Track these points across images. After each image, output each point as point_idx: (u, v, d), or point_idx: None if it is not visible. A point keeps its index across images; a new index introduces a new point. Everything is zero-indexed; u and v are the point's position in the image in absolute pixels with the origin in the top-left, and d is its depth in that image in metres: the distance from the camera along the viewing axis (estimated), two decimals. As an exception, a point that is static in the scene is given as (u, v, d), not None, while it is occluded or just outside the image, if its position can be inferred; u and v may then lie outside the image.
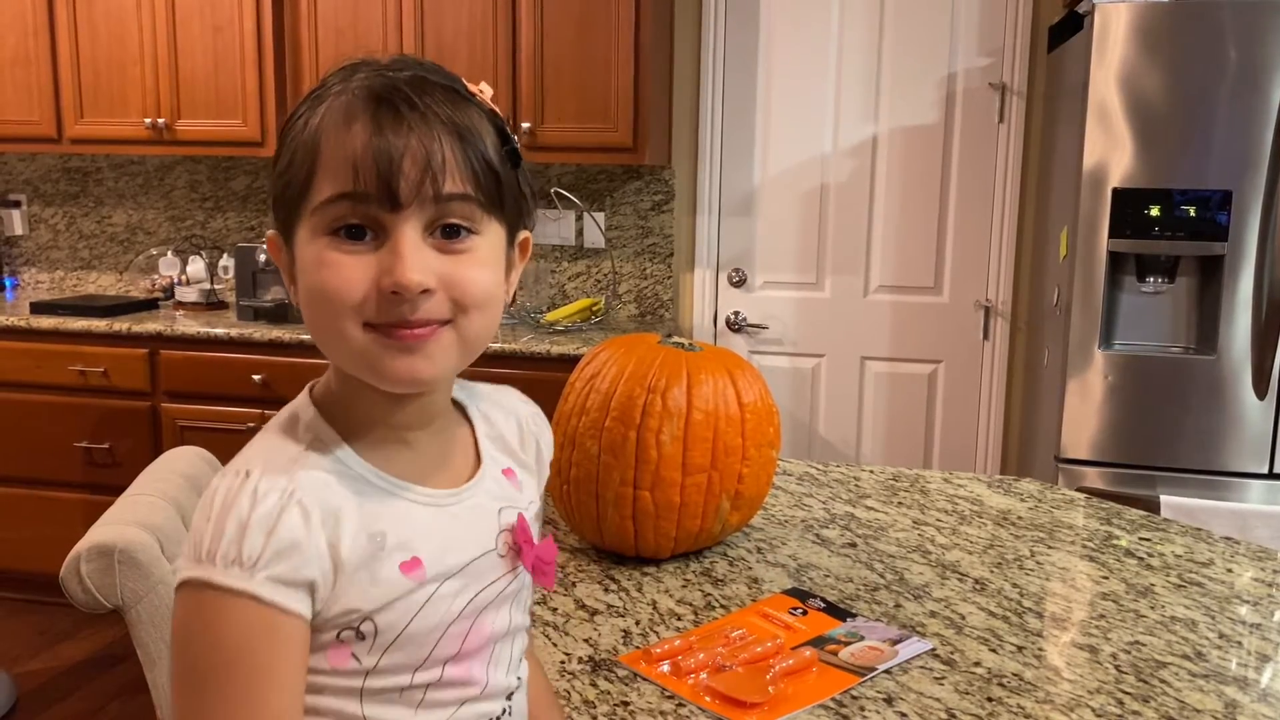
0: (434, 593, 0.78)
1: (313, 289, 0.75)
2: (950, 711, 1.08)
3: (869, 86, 3.43)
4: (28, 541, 3.46)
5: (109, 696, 2.94)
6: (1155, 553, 1.56)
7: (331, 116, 0.74)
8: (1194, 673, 1.18)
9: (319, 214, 0.74)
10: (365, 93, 0.74)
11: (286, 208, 0.77)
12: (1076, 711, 1.09)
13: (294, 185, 0.75)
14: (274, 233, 0.80)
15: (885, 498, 1.80)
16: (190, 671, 0.72)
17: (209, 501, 0.73)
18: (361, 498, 0.76)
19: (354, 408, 0.80)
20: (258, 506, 0.71)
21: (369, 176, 0.72)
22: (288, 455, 0.76)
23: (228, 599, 0.70)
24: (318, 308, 0.75)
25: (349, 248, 0.74)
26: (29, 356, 3.39)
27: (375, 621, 0.75)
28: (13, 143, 3.68)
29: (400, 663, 0.77)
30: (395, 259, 0.73)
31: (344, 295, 0.73)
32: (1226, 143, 2.51)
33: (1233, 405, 2.59)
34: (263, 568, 0.70)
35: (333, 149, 0.74)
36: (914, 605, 1.35)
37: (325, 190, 0.74)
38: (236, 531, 0.70)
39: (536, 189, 3.67)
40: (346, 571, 0.74)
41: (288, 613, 0.71)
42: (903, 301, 3.50)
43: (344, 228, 0.74)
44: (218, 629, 0.71)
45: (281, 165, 0.77)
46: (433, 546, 0.78)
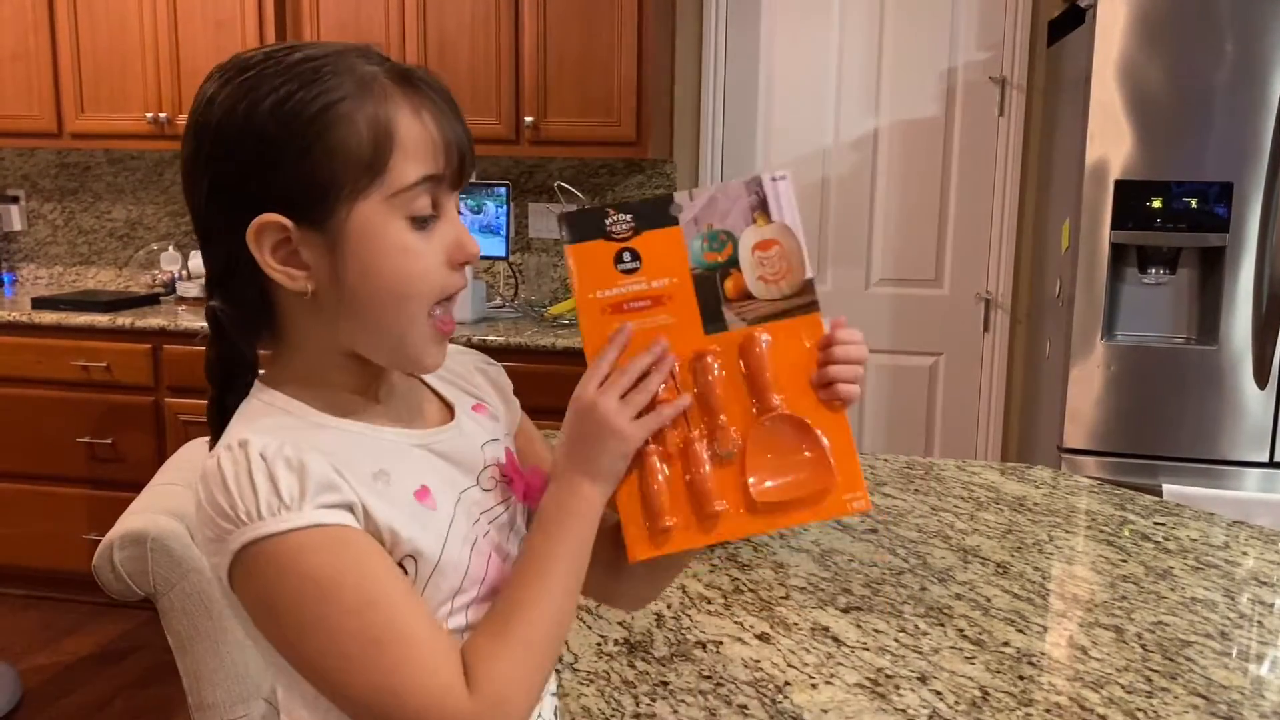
0: (452, 520, 0.81)
1: (395, 275, 0.77)
2: (983, 689, 1.10)
3: (870, 80, 3.45)
4: (31, 537, 3.45)
5: (115, 691, 2.94)
6: (1171, 536, 1.58)
7: (394, 103, 0.76)
8: (1218, 650, 1.20)
9: (402, 196, 0.76)
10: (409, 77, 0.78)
11: (325, 191, 0.74)
12: (1106, 689, 1.11)
13: (354, 166, 0.74)
14: (274, 216, 0.75)
15: (901, 485, 1.82)
16: (301, 621, 0.72)
17: (216, 479, 0.72)
18: (352, 446, 0.78)
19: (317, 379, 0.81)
20: (274, 460, 0.72)
21: (451, 159, 0.78)
22: (269, 424, 0.77)
23: (291, 539, 0.71)
24: (396, 295, 0.77)
25: (423, 231, 0.78)
26: (31, 351, 3.38)
27: (415, 557, 0.77)
28: (13, 137, 3.67)
29: (443, 592, 0.79)
30: (461, 233, 0.80)
31: (430, 279, 0.78)
32: (1227, 135, 2.54)
33: (1233, 395, 2.62)
34: (309, 499, 0.71)
35: (410, 134, 0.76)
36: (939, 588, 1.37)
37: (411, 173, 0.76)
38: (267, 484, 0.71)
39: (534, 182, 3.66)
40: (371, 506, 0.75)
41: (350, 527, 0.73)
42: (904, 294, 3.53)
43: (425, 215, 0.77)
44: (300, 569, 0.71)
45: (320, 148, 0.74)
46: (436, 478, 0.82)
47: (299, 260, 0.77)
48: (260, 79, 0.75)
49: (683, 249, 0.85)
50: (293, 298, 0.78)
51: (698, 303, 0.85)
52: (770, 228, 0.85)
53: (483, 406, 0.94)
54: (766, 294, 0.85)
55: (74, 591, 3.44)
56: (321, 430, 0.79)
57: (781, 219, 0.85)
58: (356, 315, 0.78)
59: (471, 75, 3.26)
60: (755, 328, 0.85)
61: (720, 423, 0.84)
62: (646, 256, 0.84)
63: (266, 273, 0.76)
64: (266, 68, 0.75)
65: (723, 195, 0.85)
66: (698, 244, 0.85)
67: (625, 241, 0.84)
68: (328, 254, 0.76)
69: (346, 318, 0.78)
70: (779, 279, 0.85)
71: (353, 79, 0.75)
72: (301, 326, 0.81)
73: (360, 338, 0.80)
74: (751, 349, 0.85)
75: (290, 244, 0.76)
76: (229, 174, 0.76)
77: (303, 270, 0.77)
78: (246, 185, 0.75)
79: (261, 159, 0.74)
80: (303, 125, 0.74)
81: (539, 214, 3.65)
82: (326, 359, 0.82)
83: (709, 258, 0.85)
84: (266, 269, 0.76)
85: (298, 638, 0.72)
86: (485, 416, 0.93)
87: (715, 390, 0.84)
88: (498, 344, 3.07)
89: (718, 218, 0.85)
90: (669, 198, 0.85)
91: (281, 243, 0.76)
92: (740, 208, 0.85)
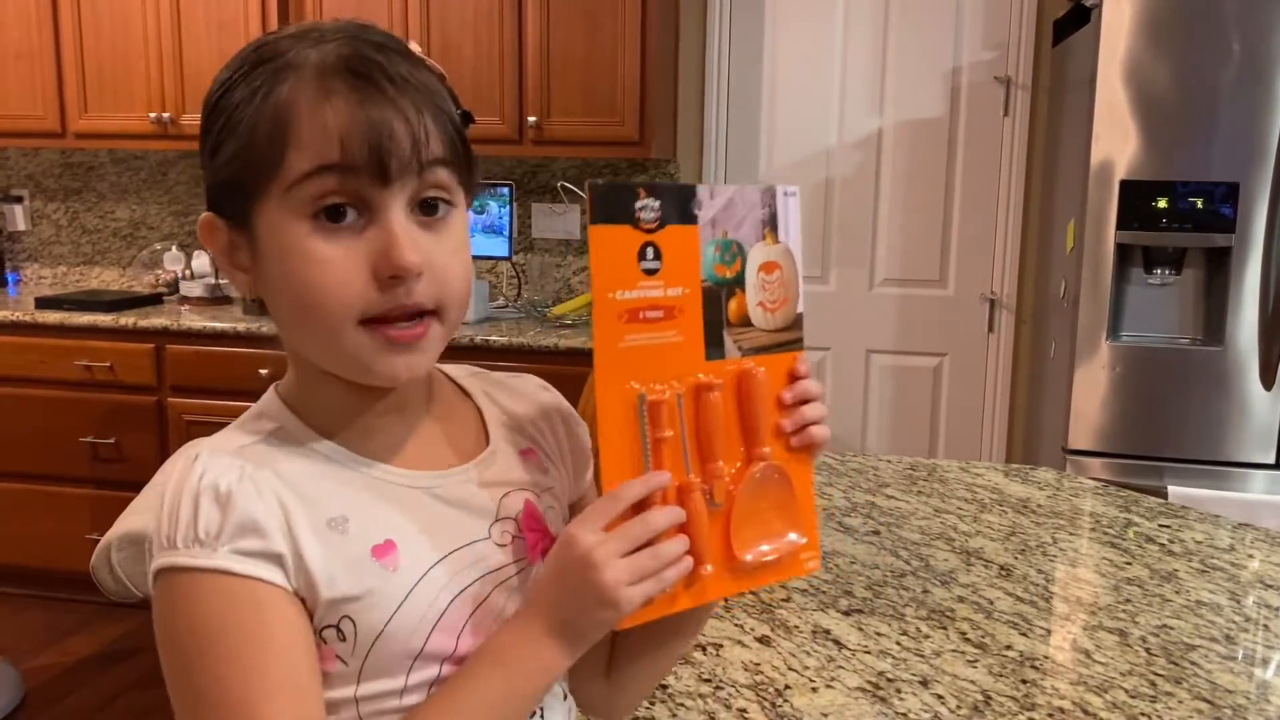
0: (417, 581, 0.72)
1: (300, 286, 0.69)
2: (985, 694, 1.09)
3: (874, 80, 3.44)
4: (34, 537, 3.45)
5: (117, 691, 2.94)
6: (1176, 539, 1.57)
7: (301, 86, 0.69)
8: (1223, 655, 1.19)
9: (296, 191, 0.68)
10: (337, 61, 0.69)
11: (239, 187, 0.70)
12: (1110, 693, 1.10)
13: (255, 161, 0.69)
14: (211, 215, 0.73)
15: (904, 486, 1.81)
16: (174, 661, 0.68)
17: (162, 488, 0.70)
18: (322, 479, 0.72)
19: (320, 396, 0.76)
20: (204, 482, 0.68)
21: (358, 148, 0.67)
22: (240, 440, 0.73)
23: (196, 578, 0.67)
24: (306, 308, 0.70)
25: (334, 233, 0.69)
26: (34, 351, 3.38)
27: (354, 619, 0.70)
28: (16, 137, 3.67)
29: (389, 664, 0.71)
30: (391, 239, 0.69)
31: (340, 294, 0.69)
32: (1233, 135, 2.53)
33: (1239, 396, 2.61)
34: (225, 541, 0.66)
35: (310, 120, 0.68)
36: (942, 591, 1.36)
37: (303, 164, 0.67)
38: (190, 510, 0.67)
39: (537, 182, 3.64)
40: (311, 555, 0.69)
41: (263, 581, 0.67)
42: (908, 294, 3.52)
43: (327, 209, 0.68)
44: (192, 610, 0.67)
45: (234, 141, 0.69)
46: (411, 530, 0.73)
47: (240, 261, 0.73)
48: (225, 68, 0.72)
49: (697, 254, 0.77)
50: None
51: (703, 321, 0.77)
52: (776, 249, 0.79)
53: (534, 452, 0.84)
54: (764, 322, 0.79)
55: (77, 591, 3.43)
56: (299, 456, 0.73)
57: (787, 240, 0.80)
58: (284, 323, 0.73)
59: (474, 75, 3.25)
60: (750, 359, 0.78)
61: (718, 470, 0.76)
62: (667, 256, 0.76)
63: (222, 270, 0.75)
64: (239, 54, 0.73)
65: (740, 200, 0.78)
66: (711, 251, 0.77)
67: (651, 233, 0.76)
68: (252, 257, 0.72)
69: (281, 324, 0.73)
70: (776, 307, 0.79)
71: (282, 63, 0.69)
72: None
73: (299, 345, 0.74)
74: (748, 385, 0.78)
75: (233, 244, 0.73)
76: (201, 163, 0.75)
77: (243, 273, 0.73)
78: (206, 178, 0.73)
79: (203, 152, 0.73)
80: (224, 116, 0.70)
81: (542, 214, 3.65)
82: (309, 368, 0.75)
83: (719, 270, 0.78)
84: (220, 266, 0.75)
85: (167, 671, 0.69)
86: (532, 464, 0.83)
87: (711, 433, 0.76)
88: (500, 344, 3.07)
89: (733, 225, 0.78)
90: (692, 190, 0.77)
91: (229, 243, 0.73)
92: (754, 219, 0.79)
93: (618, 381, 0.74)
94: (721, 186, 0.78)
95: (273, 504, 0.68)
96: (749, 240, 0.78)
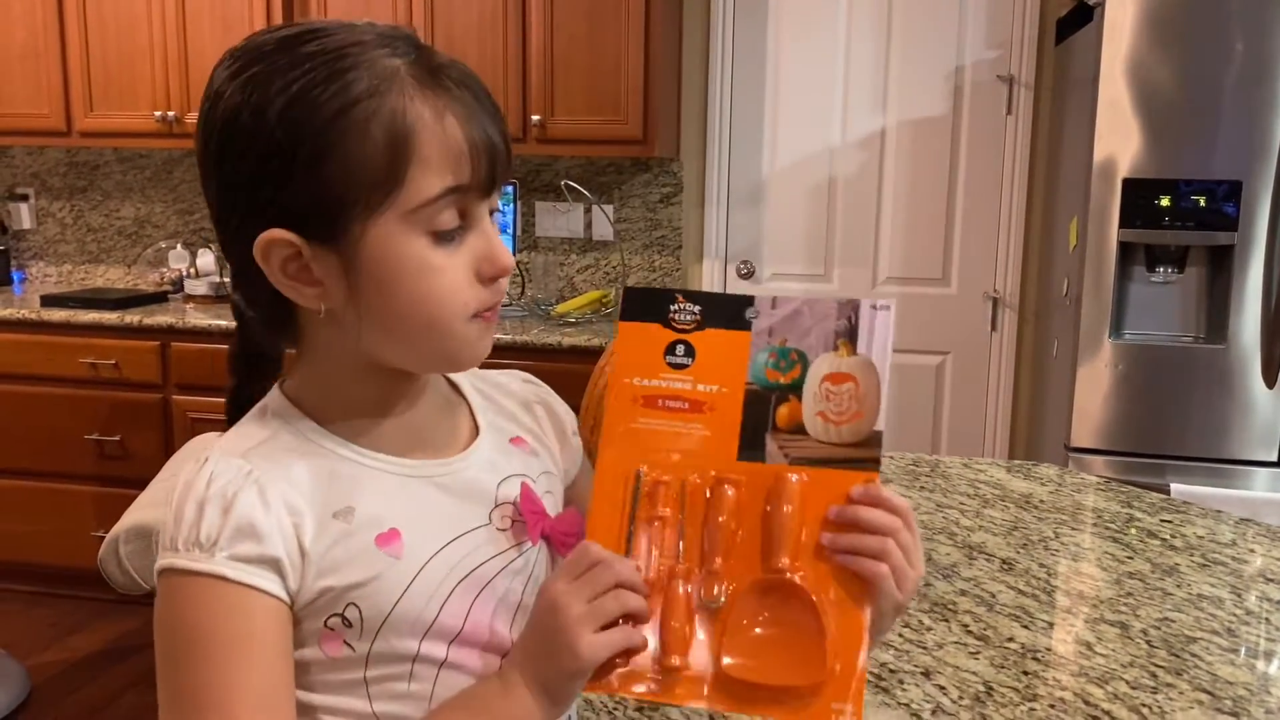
0: (421, 568, 0.74)
1: (420, 296, 0.71)
2: (988, 685, 1.10)
3: (877, 79, 3.45)
4: (40, 534, 3.47)
5: (122, 688, 2.95)
6: (1178, 534, 1.58)
7: (413, 107, 0.69)
8: (1224, 647, 1.20)
9: (421, 213, 0.70)
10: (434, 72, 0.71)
11: (339, 205, 0.69)
12: (1111, 684, 1.10)
13: (368, 180, 0.68)
14: (280, 233, 0.70)
15: (907, 482, 1.82)
16: (164, 658, 0.71)
17: (170, 484, 0.72)
18: (329, 474, 0.74)
19: (336, 395, 0.77)
20: (212, 488, 0.70)
21: (478, 166, 0.71)
22: (250, 440, 0.75)
23: (192, 581, 0.69)
24: (421, 316, 0.72)
25: (447, 244, 0.72)
26: (40, 349, 3.39)
27: (359, 605, 0.72)
28: (22, 136, 3.69)
29: (396, 648, 0.74)
30: (492, 245, 0.74)
31: (459, 298, 0.73)
32: (1236, 133, 2.53)
33: (1242, 394, 2.61)
34: (223, 547, 0.69)
35: (432, 143, 0.69)
36: (944, 584, 1.37)
37: (433, 185, 0.70)
38: (194, 514, 0.70)
39: (541, 181, 3.64)
40: (315, 550, 0.71)
41: (255, 590, 0.69)
42: (911, 293, 3.52)
43: (450, 230, 0.71)
44: (184, 612, 0.70)
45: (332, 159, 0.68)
46: (415, 518, 0.75)
47: (311, 276, 0.72)
48: (271, 74, 0.69)
49: (745, 358, 0.75)
50: (313, 314, 0.74)
51: (741, 422, 0.74)
52: (851, 361, 0.74)
53: (523, 440, 0.87)
54: (824, 434, 0.74)
55: (82, 588, 3.45)
56: (306, 454, 0.75)
57: (869, 354, 0.74)
58: (379, 332, 0.73)
59: (479, 74, 3.24)
60: (795, 469, 0.73)
61: (714, 567, 0.73)
62: (702, 355, 0.75)
63: (277, 288, 0.72)
64: (278, 60, 0.69)
65: (809, 310, 0.75)
66: (763, 358, 0.75)
67: (685, 333, 0.76)
68: (342, 272, 0.71)
69: (370, 332, 0.73)
70: (843, 421, 0.74)
71: (370, 76, 0.68)
72: (321, 335, 0.76)
73: (387, 351, 0.75)
74: (780, 491, 0.73)
75: (301, 259, 0.71)
76: (238, 179, 0.71)
77: (315, 287, 0.72)
78: (256, 194, 0.70)
79: (268, 169, 0.69)
80: (312, 135, 0.68)
81: (546, 212, 3.65)
82: (346, 368, 0.77)
83: (771, 375, 0.75)
84: (276, 284, 0.72)
85: (158, 666, 0.71)
86: (523, 451, 0.86)
87: (719, 529, 0.73)
88: (504, 342, 3.08)
89: (796, 335, 0.75)
90: (749, 299, 0.75)
91: (292, 257, 0.71)
92: (824, 329, 0.75)
93: (621, 454, 0.75)
94: (788, 297, 0.76)
95: (276, 505, 0.71)
96: (815, 350, 0.75)
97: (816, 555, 0.72)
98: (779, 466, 0.73)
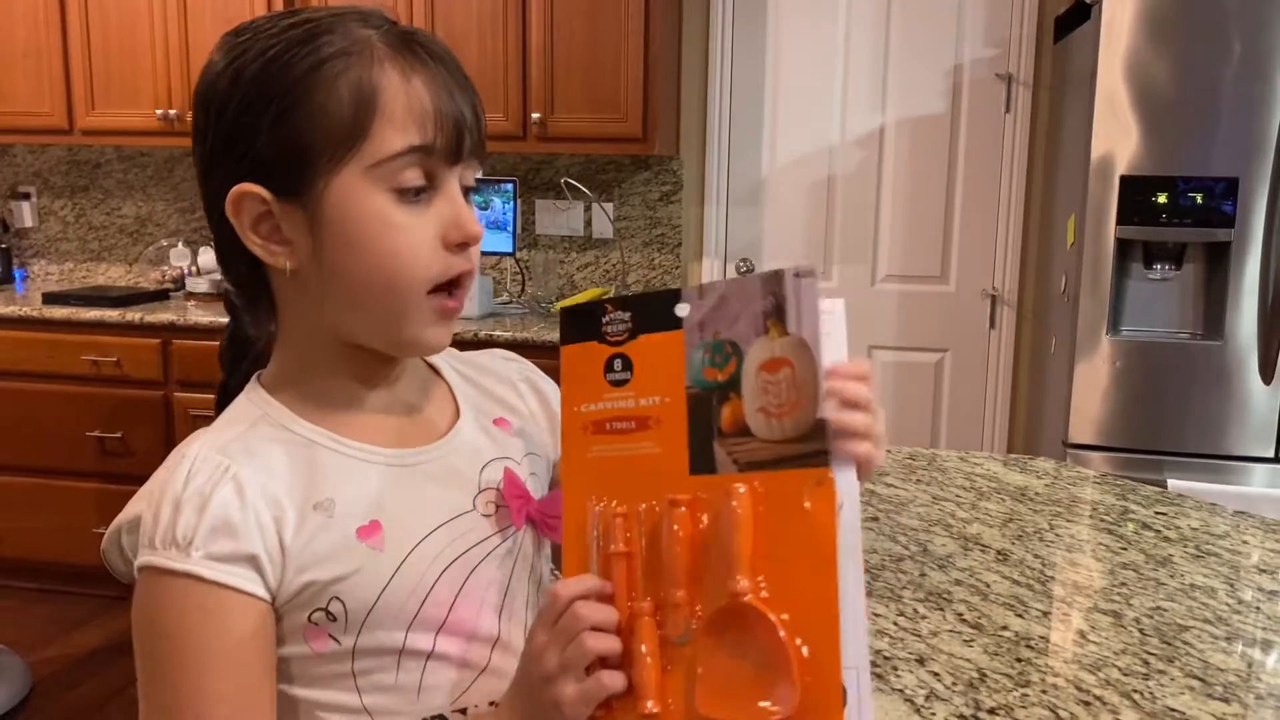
0: (403, 560, 0.74)
1: (380, 253, 0.71)
2: (981, 671, 1.11)
3: (876, 77, 3.46)
4: (41, 531, 3.48)
5: (124, 683, 2.95)
6: (1171, 526, 1.59)
7: (381, 64, 0.71)
8: (1216, 635, 1.21)
9: (384, 167, 0.71)
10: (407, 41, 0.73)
11: (303, 159, 0.71)
12: (1103, 671, 1.11)
13: (331, 134, 0.70)
14: (249, 186, 0.72)
15: (903, 475, 1.83)
16: (142, 657, 0.71)
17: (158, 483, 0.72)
18: (308, 463, 0.74)
19: (312, 380, 0.78)
20: (189, 485, 0.70)
21: (443, 130, 0.72)
22: (229, 433, 0.75)
23: (168, 580, 0.69)
24: (383, 274, 0.72)
25: (410, 205, 0.72)
26: (41, 346, 3.41)
27: (342, 599, 0.72)
28: (24, 134, 3.70)
29: (382, 640, 0.74)
30: (458, 210, 0.74)
31: (419, 259, 0.72)
32: (1233, 130, 2.54)
33: (1239, 390, 2.62)
34: (199, 546, 0.69)
35: (400, 98, 0.71)
36: (939, 574, 1.38)
37: (395, 142, 0.70)
38: (171, 512, 0.70)
39: (541, 179, 3.62)
40: (295, 544, 0.71)
41: (231, 589, 0.69)
42: (909, 291, 3.53)
43: (413, 187, 0.72)
44: (157, 611, 0.70)
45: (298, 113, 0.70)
46: (396, 508, 0.75)
47: (280, 235, 0.73)
48: (252, 41, 0.72)
49: (679, 360, 0.68)
50: (283, 277, 0.75)
51: (688, 432, 0.68)
52: (783, 343, 0.65)
53: (506, 422, 0.86)
54: (768, 432, 0.65)
55: (84, 585, 3.46)
56: (285, 443, 0.75)
57: (799, 332, 0.65)
58: (342, 296, 0.73)
59: (479, 72, 3.27)
60: (744, 476, 0.66)
61: (677, 600, 0.66)
62: (640, 366, 0.70)
63: (248, 247, 0.73)
64: (261, 29, 0.73)
65: (736, 294, 0.67)
66: (699, 356, 0.68)
67: (620, 345, 0.71)
68: (308, 229, 0.72)
69: (332, 298, 0.74)
70: (784, 414, 0.65)
71: (344, 41, 0.71)
72: (292, 308, 0.77)
73: (348, 319, 0.75)
74: (726, 507, 0.65)
75: (272, 217, 0.73)
76: (216, 141, 0.73)
77: (284, 246, 0.73)
78: (230, 152, 0.72)
79: (240, 124, 0.71)
80: (282, 89, 0.70)
81: (546, 210, 3.67)
82: (317, 346, 0.77)
83: (708, 374, 0.67)
84: (247, 242, 0.73)
85: (137, 664, 0.72)
86: (506, 433, 0.85)
87: (673, 557, 0.66)
88: (504, 340, 3.09)
89: (726, 324, 0.67)
90: (675, 294, 0.70)
91: (263, 216, 0.73)
92: (752, 313, 0.66)
93: (582, 491, 0.72)
94: (715, 281, 0.69)
95: (255, 500, 0.71)
96: (747, 338, 0.67)
97: (777, 567, 0.65)
98: (728, 477, 0.66)
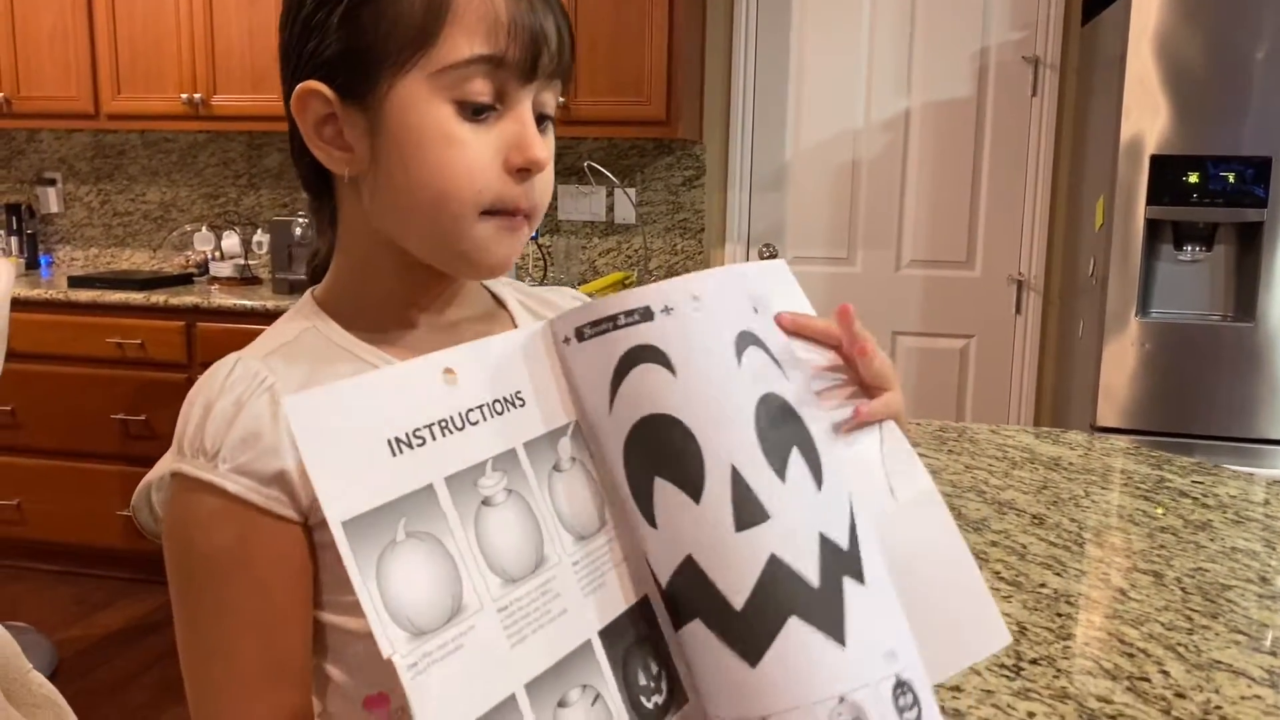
0: None
1: (435, 166, 0.67)
2: (1021, 625, 1.09)
3: (901, 60, 3.44)
4: (65, 513, 3.49)
5: (146, 664, 2.96)
6: (1210, 493, 1.57)
7: None
8: (1260, 594, 1.19)
9: (449, 75, 0.66)
10: None
11: (370, 58, 0.67)
12: (1146, 626, 1.09)
13: (401, 33, 0.67)
14: (315, 84, 0.69)
15: (934, 445, 1.81)
16: (168, 565, 0.69)
17: (198, 386, 0.69)
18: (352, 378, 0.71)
19: (364, 294, 0.75)
20: (225, 394, 0.68)
21: (518, 42, 0.67)
22: (273, 343, 0.73)
23: (195, 491, 0.66)
24: (434, 190, 0.68)
25: (474, 119, 0.68)
26: (67, 329, 3.42)
27: None
28: (51, 118, 3.72)
29: None
30: (524, 132, 0.69)
31: (475, 178, 0.68)
32: (1266, 109, 2.51)
33: (1270, 373, 2.59)
34: (226, 458, 0.66)
35: (470, 6, 0.66)
36: (975, 536, 1.36)
37: (463, 49, 0.66)
38: (201, 418, 0.67)
39: (564, 163, 3.56)
40: None
41: (256, 508, 0.66)
42: (935, 276, 3.51)
43: (479, 103, 0.67)
44: (183, 522, 0.67)
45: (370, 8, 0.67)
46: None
47: (342, 140, 0.70)
48: None
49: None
50: (344, 184, 0.72)
51: None
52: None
53: None
54: None
55: (107, 567, 3.47)
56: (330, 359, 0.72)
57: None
58: (397, 208, 0.70)
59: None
60: None
61: None
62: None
63: (310, 148, 0.71)
64: None
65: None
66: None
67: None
68: (368, 135, 0.69)
69: (388, 209, 0.70)
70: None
71: None
72: (349, 218, 0.74)
73: (400, 234, 0.71)
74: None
75: (336, 121, 0.70)
76: (291, 35, 0.71)
77: (345, 152, 0.70)
78: (301, 49, 0.70)
79: (313, 22, 0.69)
80: None
81: (568, 195, 3.66)
82: (371, 259, 0.74)
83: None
84: (310, 144, 0.70)
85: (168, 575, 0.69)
86: None
87: None
88: (527, 321, 3.08)
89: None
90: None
91: (328, 118, 0.70)
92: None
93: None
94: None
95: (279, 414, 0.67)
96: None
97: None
98: None
